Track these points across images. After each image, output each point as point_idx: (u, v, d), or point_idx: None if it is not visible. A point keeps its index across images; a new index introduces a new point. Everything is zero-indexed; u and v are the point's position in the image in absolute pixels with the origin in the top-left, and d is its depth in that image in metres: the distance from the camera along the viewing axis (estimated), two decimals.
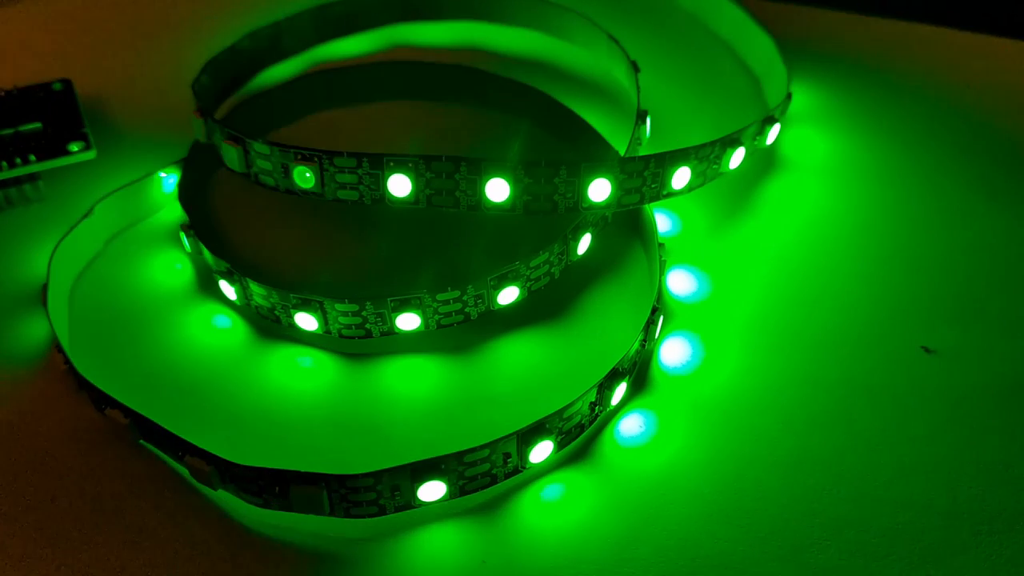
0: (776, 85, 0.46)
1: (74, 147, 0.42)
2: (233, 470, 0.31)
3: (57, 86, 0.45)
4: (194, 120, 0.40)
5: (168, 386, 0.36)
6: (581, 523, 0.32)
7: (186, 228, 0.39)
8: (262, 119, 0.45)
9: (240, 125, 0.41)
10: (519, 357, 0.37)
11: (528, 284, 0.37)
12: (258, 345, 0.37)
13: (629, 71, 0.44)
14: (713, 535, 0.32)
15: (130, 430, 0.33)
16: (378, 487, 0.30)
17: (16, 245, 0.40)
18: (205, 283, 0.39)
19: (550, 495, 0.33)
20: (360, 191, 0.37)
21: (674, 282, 0.39)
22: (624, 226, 0.41)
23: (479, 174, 0.36)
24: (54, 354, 0.36)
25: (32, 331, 0.37)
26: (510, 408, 0.35)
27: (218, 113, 0.45)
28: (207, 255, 0.38)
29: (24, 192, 0.42)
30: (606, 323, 0.38)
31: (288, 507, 0.31)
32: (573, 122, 0.45)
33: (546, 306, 0.38)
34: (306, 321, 0.37)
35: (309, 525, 0.32)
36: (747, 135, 0.40)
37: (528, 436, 0.32)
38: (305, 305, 0.36)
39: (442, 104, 0.46)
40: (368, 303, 0.36)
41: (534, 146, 0.44)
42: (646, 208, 0.40)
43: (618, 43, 0.45)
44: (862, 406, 0.35)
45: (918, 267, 0.40)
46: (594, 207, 0.37)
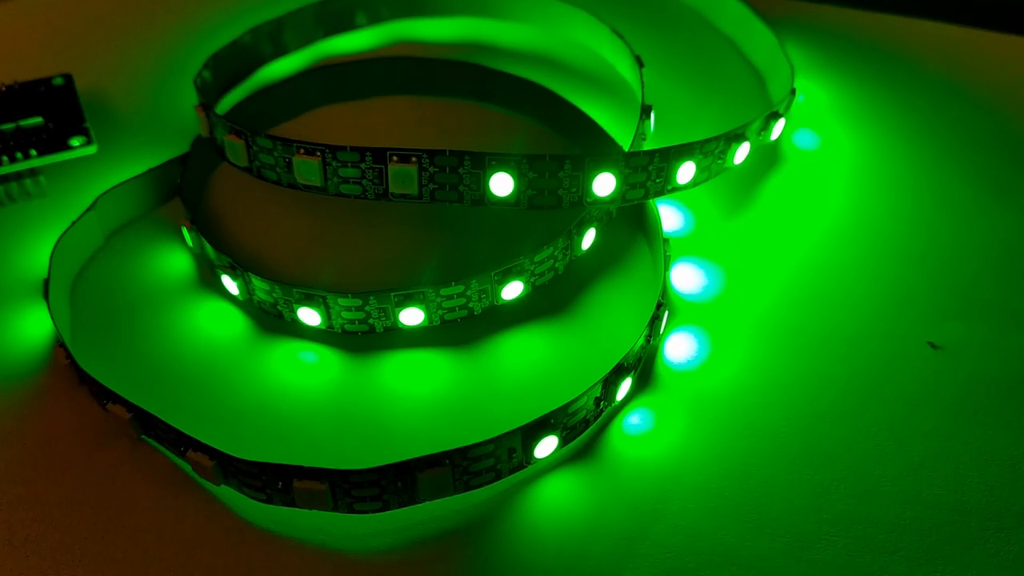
0: (780, 80, 0.46)
1: (75, 142, 0.42)
2: (236, 465, 0.31)
3: (58, 81, 0.44)
4: (196, 115, 0.40)
5: (170, 381, 0.36)
6: (586, 518, 0.32)
7: (188, 223, 0.39)
8: (264, 114, 0.45)
9: (242, 120, 0.41)
10: (523, 352, 0.37)
11: (532, 279, 0.37)
12: (261, 340, 0.37)
13: (633, 66, 0.44)
14: (720, 531, 0.32)
15: (132, 425, 0.33)
16: (382, 482, 0.30)
17: (17, 240, 0.40)
18: (207, 278, 0.39)
19: (555, 490, 0.33)
20: (363, 185, 0.37)
21: (679, 277, 0.39)
22: (628, 221, 0.41)
23: (483, 168, 0.36)
24: (56, 349, 0.36)
25: (34, 327, 0.37)
26: (514, 403, 0.35)
27: (220, 108, 0.45)
28: (209, 250, 0.38)
29: (25, 187, 0.41)
30: (610, 318, 0.38)
31: (291, 502, 0.31)
32: (577, 118, 0.44)
33: (550, 301, 0.38)
34: (309, 316, 0.36)
35: (312, 520, 0.32)
36: (752, 130, 0.40)
37: (533, 431, 0.31)
38: (308, 300, 0.36)
39: (445, 100, 0.46)
40: (371, 298, 0.35)
41: (538, 142, 0.44)
42: (650, 203, 0.40)
43: (622, 38, 0.45)
44: (869, 402, 0.35)
45: (925, 262, 0.40)
46: (598, 202, 0.37)
